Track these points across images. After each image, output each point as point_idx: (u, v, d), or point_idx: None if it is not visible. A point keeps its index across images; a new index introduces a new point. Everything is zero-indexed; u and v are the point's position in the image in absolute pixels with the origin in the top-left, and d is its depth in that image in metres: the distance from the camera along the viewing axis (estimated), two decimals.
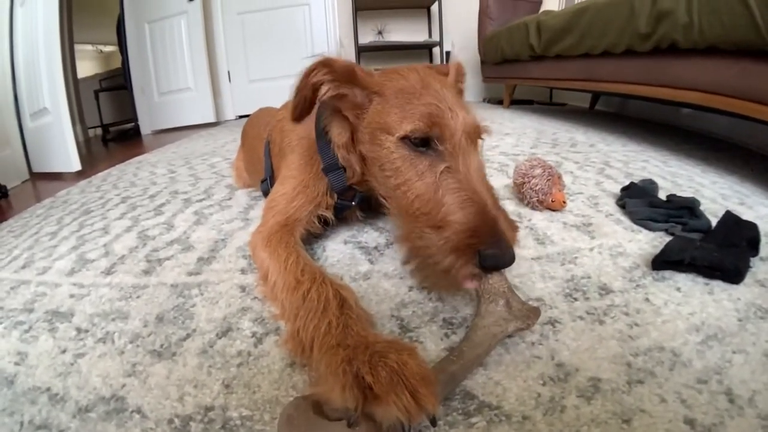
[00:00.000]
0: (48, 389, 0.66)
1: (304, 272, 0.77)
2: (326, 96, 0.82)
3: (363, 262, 0.97)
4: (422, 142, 0.74)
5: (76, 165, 2.74)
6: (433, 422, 0.51)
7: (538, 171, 1.17)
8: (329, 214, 1.02)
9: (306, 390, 0.61)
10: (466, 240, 0.62)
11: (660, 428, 0.51)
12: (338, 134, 0.89)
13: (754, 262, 0.86)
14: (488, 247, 0.61)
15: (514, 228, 0.68)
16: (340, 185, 0.95)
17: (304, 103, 0.84)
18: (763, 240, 0.92)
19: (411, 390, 0.48)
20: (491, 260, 0.61)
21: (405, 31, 4.80)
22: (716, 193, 1.27)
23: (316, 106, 0.89)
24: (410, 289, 0.85)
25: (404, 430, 0.49)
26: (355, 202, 1.03)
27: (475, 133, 0.77)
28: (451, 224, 0.65)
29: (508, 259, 0.62)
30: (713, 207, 1.14)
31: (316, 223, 1.00)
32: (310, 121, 0.97)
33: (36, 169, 3.08)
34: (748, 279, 0.81)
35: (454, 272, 0.63)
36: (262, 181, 1.27)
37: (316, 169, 0.97)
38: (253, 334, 0.74)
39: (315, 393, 0.53)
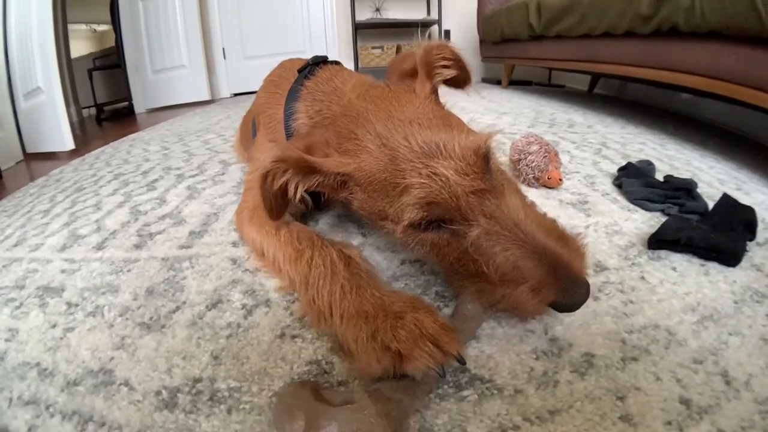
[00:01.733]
0: (37, 364, 0.66)
1: (300, 240, 0.76)
2: (298, 194, 0.71)
3: (356, 235, 0.97)
4: (430, 222, 0.62)
5: (69, 144, 2.73)
6: (462, 361, 0.53)
7: (534, 147, 1.16)
8: (306, 195, 0.91)
9: (343, 368, 0.61)
10: (530, 298, 0.56)
11: (655, 407, 0.51)
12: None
13: (751, 246, 0.86)
14: (555, 298, 0.56)
15: (579, 252, 0.61)
16: None
17: (276, 206, 0.73)
18: (760, 225, 0.91)
19: (432, 340, 0.52)
20: (566, 309, 0.58)
21: (403, 9, 4.75)
22: (713, 177, 1.26)
23: None
24: (402, 262, 0.85)
25: (440, 374, 0.52)
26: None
27: (481, 162, 0.62)
28: (510, 283, 0.58)
29: (583, 299, 0.56)
30: (710, 191, 1.13)
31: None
32: (281, 102, 0.97)
33: (30, 149, 3.06)
34: (744, 263, 0.80)
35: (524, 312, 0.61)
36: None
37: None
38: (243, 306, 0.74)
39: (352, 368, 0.58)
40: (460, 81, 0.88)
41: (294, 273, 0.73)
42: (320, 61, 1.02)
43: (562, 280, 0.55)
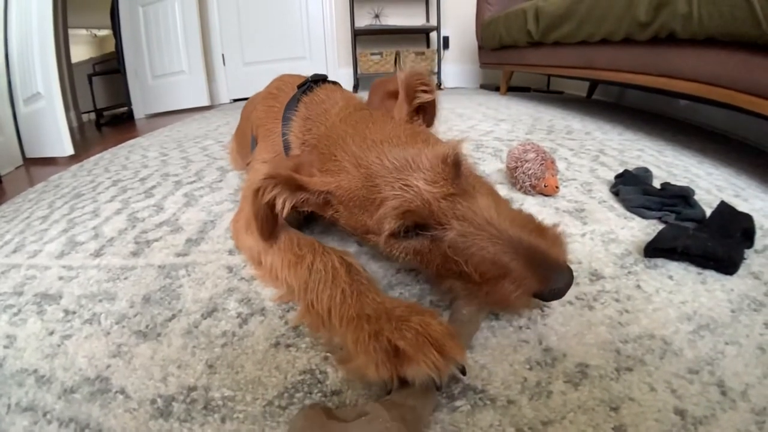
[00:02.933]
0: (35, 371, 0.66)
1: (300, 246, 0.77)
2: (286, 210, 0.75)
3: (351, 243, 0.97)
4: (409, 229, 0.65)
5: (68, 149, 2.73)
6: (463, 371, 0.54)
7: (531, 155, 1.16)
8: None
9: (335, 365, 0.62)
10: (512, 290, 0.58)
11: (649, 417, 0.51)
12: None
13: (749, 254, 0.85)
14: (538, 287, 0.56)
15: (558, 240, 0.63)
16: None
17: (266, 222, 0.78)
18: (758, 232, 0.91)
19: (437, 347, 0.52)
20: (550, 296, 0.58)
21: (402, 15, 4.77)
22: (711, 184, 1.26)
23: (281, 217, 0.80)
24: (398, 270, 0.85)
25: (437, 386, 0.51)
26: None
27: (450, 169, 0.65)
28: (492, 280, 0.59)
29: (567, 284, 0.57)
30: (708, 198, 1.13)
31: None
32: (278, 118, 1.00)
33: (29, 154, 3.06)
34: (741, 271, 0.80)
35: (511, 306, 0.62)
36: (248, 164, 1.26)
37: None
38: (239, 315, 0.74)
39: (348, 368, 0.58)
40: (428, 114, 0.93)
41: (293, 278, 0.74)
42: (319, 80, 1.04)
43: (541, 268, 0.57)
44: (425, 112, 0.91)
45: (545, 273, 0.56)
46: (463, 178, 0.66)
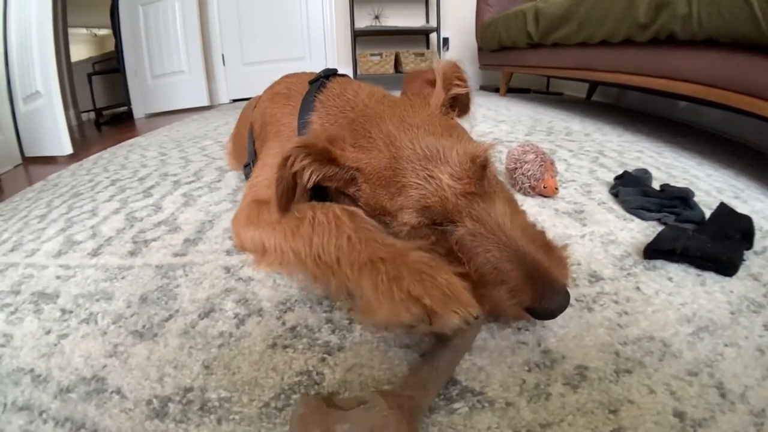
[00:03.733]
0: (31, 370, 0.66)
1: (299, 210, 0.76)
2: (312, 182, 0.74)
3: None
4: (425, 222, 0.66)
5: (67, 148, 2.73)
6: (476, 317, 0.55)
7: (530, 156, 1.16)
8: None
9: (354, 315, 0.64)
10: (506, 299, 0.59)
11: (648, 420, 0.51)
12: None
13: (748, 255, 0.85)
14: (532, 302, 0.57)
15: (562, 262, 0.63)
16: None
17: (287, 192, 0.75)
18: (758, 234, 0.91)
19: (462, 304, 0.53)
20: (541, 314, 0.59)
21: (402, 16, 4.77)
22: (711, 186, 1.26)
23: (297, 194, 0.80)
24: None
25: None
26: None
27: (477, 169, 0.66)
28: (489, 284, 0.60)
29: (560, 307, 0.58)
30: (707, 200, 1.13)
31: None
32: (293, 114, 0.99)
33: (28, 153, 3.06)
34: (741, 272, 0.80)
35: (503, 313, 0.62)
36: (245, 166, 1.27)
37: None
38: (236, 315, 0.74)
39: (375, 321, 0.58)
40: (461, 106, 0.92)
41: (297, 241, 0.73)
42: (330, 74, 1.04)
43: (539, 285, 0.57)
44: (459, 105, 0.91)
45: (542, 290, 0.57)
46: (487, 181, 0.67)
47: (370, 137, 0.73)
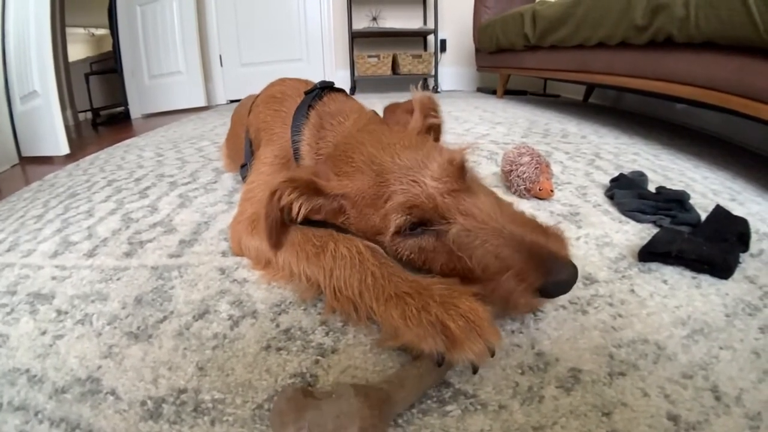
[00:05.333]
0: (27, 371, 0.66)
1: (319, 237, 0.77)
2: (301, 215, 0.78)
3: None
4: (414, 226, 0.69)
5: (64, 148, 2.72)
6: (492, 354, 0.55)
7: (526, 159, 1.16)
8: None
9: (381, 342, 0.63)
10: (516, 285, 0.58)
11: (642, 423, 0.51)
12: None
13: (744, 257, 0.86)
14: (543, 280, 0.57)
15: (559, 239, 0.64)
16: None
17: (276, 227, 0.78)
18: (754, 236, 0.91)
19: (482, 335, 0.54)
20: (555, 289, 0.59)
21: (400, 18, 4.77)
22: (707, 188, 1.27)
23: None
24: None
25: (439, 363, 0.54)
26: None
27: (457, 170, 0.69)
28: (495, 275, 0.60)
29: (571, 277, 0.58)
30: (704, 202, 1.13)
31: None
32: (286, 122, 1.02)
33: (25, 153, 3.05)
34: (736, 275, 0.80)
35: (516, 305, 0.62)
36: (242, 166, 1.27)
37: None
38: (230, 317, 0.74)
39: (399, 343, 0.58)
40: (434, 136, 0.99)
41: (314, 269, 0.73)
42: (326, 87, 1.06)
43: (545, 262, 0.58)
44: (433, 134, 0.97)
45: (548, 265, 0.57)
46: (468, 179, 0.70)
47: (352, 162, 0.77)
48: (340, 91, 1.08)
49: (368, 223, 0.74)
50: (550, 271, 0.57)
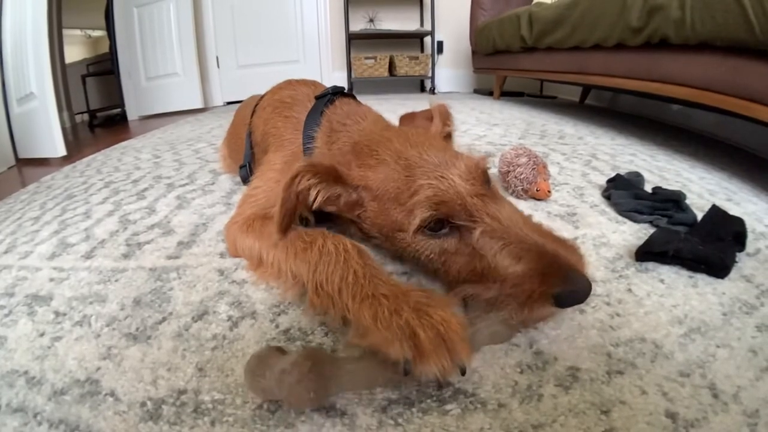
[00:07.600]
0: (25, 372, 0.66)
1: (309, 234, 0.76)
2: (317, 202, 0.78)
3: None
4: (438, 225, 0.68)
5: (61, 150, 2.71)
6: (463, 372, 0.54)
7: (523, 160, 1.17)
8: (310, 216, 0.90)
9: (349, 341, 0.62)
10: (535, 288, 0.58)
11: (640, 421, 0.51)
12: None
13: (740, 257, 0.86)
14: (560, 287, 0.57)
15: (577, 253, 0.64)
16: None
17: (289, 214, 0.77)
18: (750, 236, 0.92)
19: (451, 350, 0.52)
20: (568, 299, 0.59)
21: (397, 20, 4.79)
22: (703, 188, 1.27)
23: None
24: (390, 274, 0.84)
25: (405, 373, 0.53)
26: None
27: (482, 174, 0.72)
28: (515, 277, 0.60)
29: (585, 289, 0.58)
30: (700, 202, 1.13)
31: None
32: (297, 128, 1.02)
33: (22, 155, 3.03)
34: (733, 274, 0.80)
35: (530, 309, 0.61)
36: (241, 167, 1.27)
37: None
38: (229, 318, 0.74)
39: (366, 343, 0.57)
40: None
41: (300, 264, 0.73)
42: (338, 92, 1.06)
43: (564, 270, 0.58)
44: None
45: (566, 275, 0.58)
46: (491, 186, 0.73)
47: (377, 156, 0.77)
48: (351, 96, 1.09)
49: (389, 217, 0.74)
50: (567, 280, 0.57)
